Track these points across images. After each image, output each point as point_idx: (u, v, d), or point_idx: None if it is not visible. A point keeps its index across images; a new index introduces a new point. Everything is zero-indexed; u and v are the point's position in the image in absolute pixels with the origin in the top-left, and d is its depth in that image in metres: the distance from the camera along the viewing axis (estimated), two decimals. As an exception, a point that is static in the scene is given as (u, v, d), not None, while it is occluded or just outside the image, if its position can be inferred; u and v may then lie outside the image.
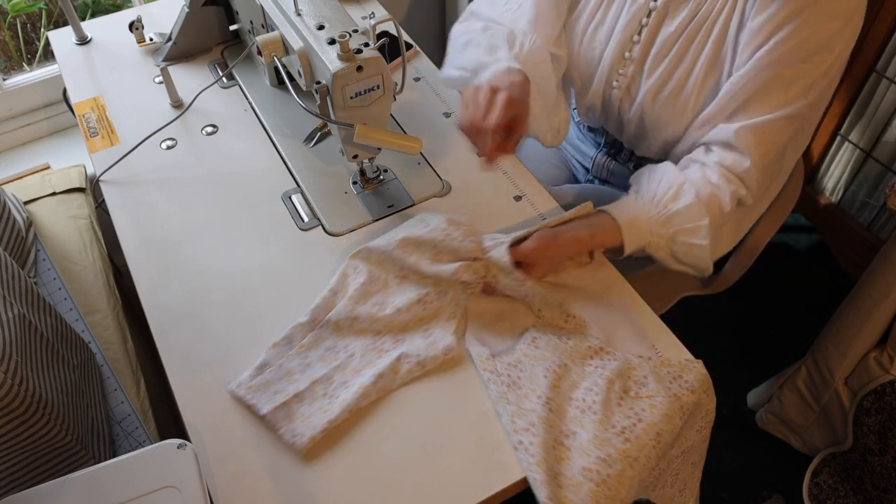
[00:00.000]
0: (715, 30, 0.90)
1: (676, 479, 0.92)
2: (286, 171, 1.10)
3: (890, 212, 1.60)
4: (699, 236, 0.90)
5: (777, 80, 0.86)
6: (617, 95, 1.03)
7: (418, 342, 0.87)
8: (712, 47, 0.91)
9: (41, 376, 0.76)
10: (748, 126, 0.88)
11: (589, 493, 0.75)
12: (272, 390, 0.82)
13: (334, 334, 0.88)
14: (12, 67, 1.57)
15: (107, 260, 1.17)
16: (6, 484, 0.75)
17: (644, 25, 0.96)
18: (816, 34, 0.83)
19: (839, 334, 1.27)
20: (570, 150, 1.29)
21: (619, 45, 0.99)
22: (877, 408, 1.24)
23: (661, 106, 0.98)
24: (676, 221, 0.90)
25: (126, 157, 1.10)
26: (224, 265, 0.97)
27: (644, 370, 0.85)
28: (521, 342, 0.88)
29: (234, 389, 0.83)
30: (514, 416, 0.80)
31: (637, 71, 0.99)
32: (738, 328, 1.73)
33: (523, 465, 0.77)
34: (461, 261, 0.90)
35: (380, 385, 0.83)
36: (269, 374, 0.84)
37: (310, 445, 0.78)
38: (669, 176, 0.93)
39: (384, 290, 0.91)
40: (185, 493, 0.67)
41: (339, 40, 0.86)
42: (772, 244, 1.21)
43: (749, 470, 1.50)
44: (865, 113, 1.60)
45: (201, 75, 1.25)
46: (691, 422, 0.87)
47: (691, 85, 0.94)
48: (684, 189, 0.91)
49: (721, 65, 0.91)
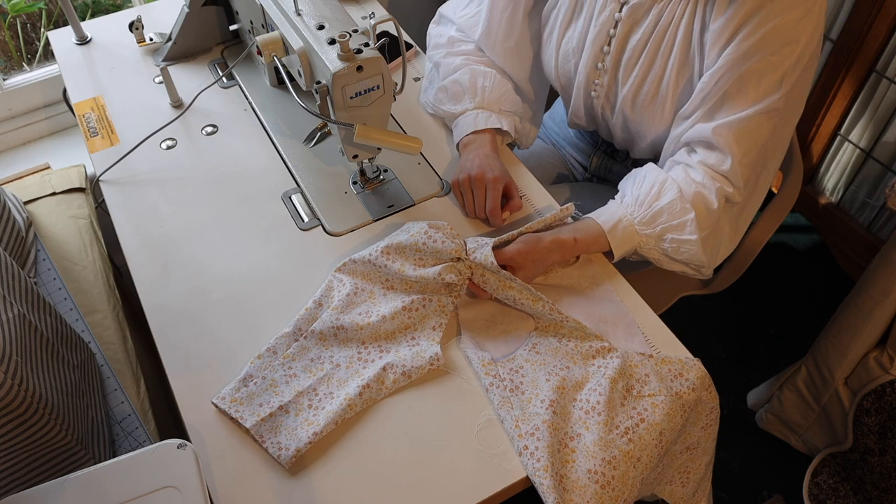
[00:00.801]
0: (679, 34, 0.92)
1: (688, 479, 0.92)
2: (286, 171, 1.10)
3: (890, 212, 1.60)
4: (686, 231, 0.91)
5: (748, 77, 0.87)
6: (598, 103, 1.07)
7: (404, 352, 0.86)
8: (679, 50, 0.93)
9: (41, 376, 0.76)
10: (725, 124, 0.90)
11: (594, 496, 0.75)
12: (256, 402, 0.81)
13: (319, 344, 0.87)
14: (12, 67, 1.57)
15: (107, 260, 1.17)
16: (6, 484, 0.75)
17: (612, 36, 0.98)
18: (779, 27, 0.84)
19: (839, 334, 1.27)
20: (569, 150, 1.30)
21: (592, 56, 1.02)
22: (877, 408, 1.24)
23: (640, 110, 1.00)
24: (662, 219, 0.91)
25: (126, 157, 1.10)
26: (224, 265, 0.97)
27: (646, 368, 0.85)
28: (522, 348, 0.88)
29: (218, 403, 0.82)
30: (518, 420, 0.80)
31: (612, 79, 1.02)
32: (738, 328, 1.73)
33: (529, 471, 0.77)
34: (444, 262, 0.90)
35: (365, 396, 0.82)
36: (253, 385, 0.83)
37: (295, 458, 0.77)
38: (651, 176, 0.94)
39: (370, 300, 0.90)
40: (185, 493, 0.67)
41: (339, 40, 0.86)
42: (772, 244, 1.21)
43: (749, 470, 1.50)
44: (865, 113, 1.60)
45: (201, 75, 1.25)
46: (694, 418, 0.87)
47: (665, 87, 0.96)
48: (666, 186, 0.92)
49: (691, 65, 0.94)
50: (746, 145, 0.90)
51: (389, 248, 0.91)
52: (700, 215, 0.91)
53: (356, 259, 0.92)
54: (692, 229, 0.90)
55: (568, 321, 0.88)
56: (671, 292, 1.28)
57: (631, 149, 1.12)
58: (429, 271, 0.89)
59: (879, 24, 1.47)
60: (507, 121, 1.07)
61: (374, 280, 0.92)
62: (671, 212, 0.91)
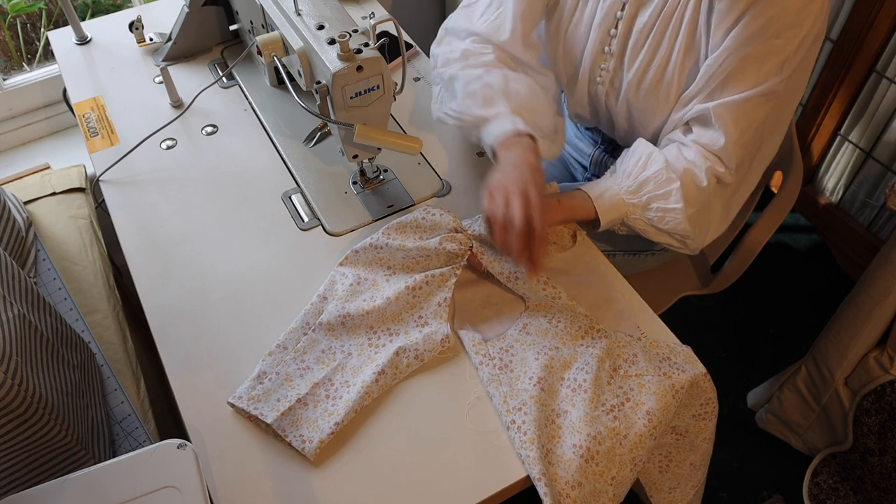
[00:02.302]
0: (686, 14, 0.92)
1: (668, 466, 0.92)
2: (286, 171, 1.10)
3: (890, 212, 1.60)
4: (672, 200, 0.92)
5: (750, 58, 0.88)
6: (602, 91, 1.06)
7: (414, 335, 0.87)
8: (686, 32, 0.93)
9: (41, 376, 0.76)
10: (725, 104, 0.90)
11: (578, 470, 0.76)
12: (274, 398, 0.82)
13: (328, 335, 0.88)
14: (12, 67, 1.57)
15: (107, 260, 1.17)
16: (6, 484, 0.75)
17: (619, 18, 0.98)
18: (784, 10, 0.85)
19: (839, 334, 1.27)
20: (568, 149, 1.30)
21: (598, 40, 1.01)
22: (877, 408, 1.24)
23: (645, 95, 1.00)
24: (647, 188, 0.93)
25: (126, 157, 1.10)
26: (224, 265, 0.97)
27: (634, 349, 0.86)
28: (513, 328, 0.89)
29: (235, 402, 0.82)
30: (507, 396, 0.81)
31: (618, 64, 1.02)
32: (738, 328, 1.73)
33: (516, 444, 0.78)
34: (443, 233, 0.93)
35: (381, 382, 0.83)
36: (268, 382, 0.83)
37: (319, 450, 0.78)
38: (640, 149, 0.96)
39: (373, 287, 0.92)
40: (185, 493, 0.67)
41: (339, 40, 0.86)
42: (772, 244, 1.21)
43: (749, 470, 1.50)
44: (865, 113, 1.60)
45: (201, 75, 1.25)
46: (688, 402, 0.87)
47: (671, 71, 0.96)
48: (653, 157, 0.94)
49: (697, 48, 0.94)
50: (743, 126, 0.91)
51: (389, 228, 0.94)
52: (686, 188, 0.92)
53: (357, 249, 0.94)
54: (677, 198, 0.92)
55: (560, 297, 0.90)
56: (671, 292, 1.28)
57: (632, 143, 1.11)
58: (429, 242, 0.92)
59: (879, 24, 1.47)
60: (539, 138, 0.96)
61: (376, 269, 0.93)
62: (657, 181, 0.92)
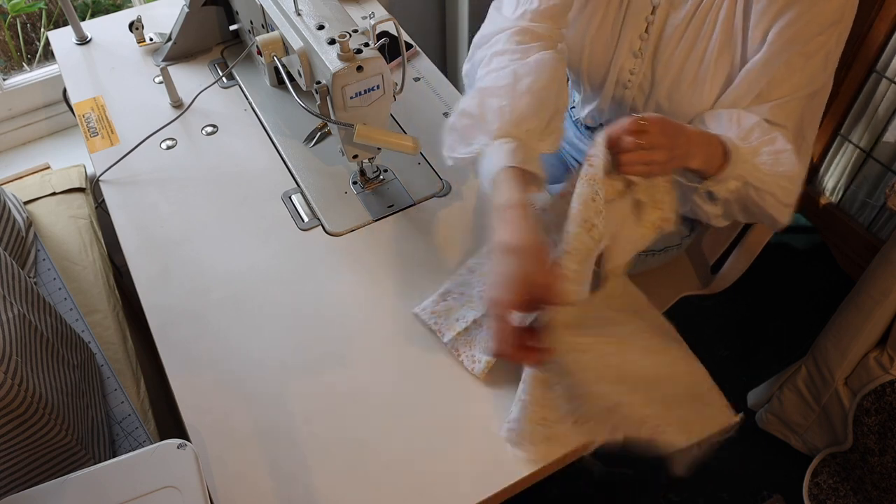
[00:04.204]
0: (721, 14, 0.90)
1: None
2: (286, 171, 1.10)
3: (890, 212, 1.60)
4: (779, 143, 0.87)
5: (796, 58, 0.87)
6: (629, 95, 1.03)
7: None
8: (721, 31, 0.91)
9: (41, 376, 0.76)
10: (778, 104, 0.89)
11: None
12: (454, 317, 0.86)
13: None
14: (12, 67, 1.57)
15: (107, 260, 1.17)
16: (6, 484, 0.75)
17: (650, 22, 0.96)
18: (826, 7, 0.84)
19: (839, 334, 1.27)
20: (569, 150, 1.29)
21: (628, 45, 0.99)
22: (877, 408, 1.24)
23: (678, 98, 0.97)
24: (755, 135, 0.87)
25: (126, 157, 1.10)
26: (224, 265, 0.97)
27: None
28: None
29: (419, 313, 0.88)
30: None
31: (648, 67, 0.99)
32: (738, 328, 1.73)
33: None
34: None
35: None
36: (451, 300, 0.88)
37: (486, 371, 0.83)
38: (723, 114, 0.90)
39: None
40: (185, 493, 0.67)
41: (339, 40, 0.86)
42: (772, 244, 1.21)
43: (749, 470, 1.50)
44: (865, 113, 1.60)
45: (201, 75, 1.25)
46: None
47: (704, 71, 0.93)
48: (742, 115, 0.89)
49: (733, 47, 0.91)
50: (794, 123, 0.90)
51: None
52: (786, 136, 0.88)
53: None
54: (783, 141, 0.87)
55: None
56: (671, 292, 1.28)
57: None
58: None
59: (879, 24, 1.47)
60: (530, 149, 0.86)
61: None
62: (761, 128, 0.88)
